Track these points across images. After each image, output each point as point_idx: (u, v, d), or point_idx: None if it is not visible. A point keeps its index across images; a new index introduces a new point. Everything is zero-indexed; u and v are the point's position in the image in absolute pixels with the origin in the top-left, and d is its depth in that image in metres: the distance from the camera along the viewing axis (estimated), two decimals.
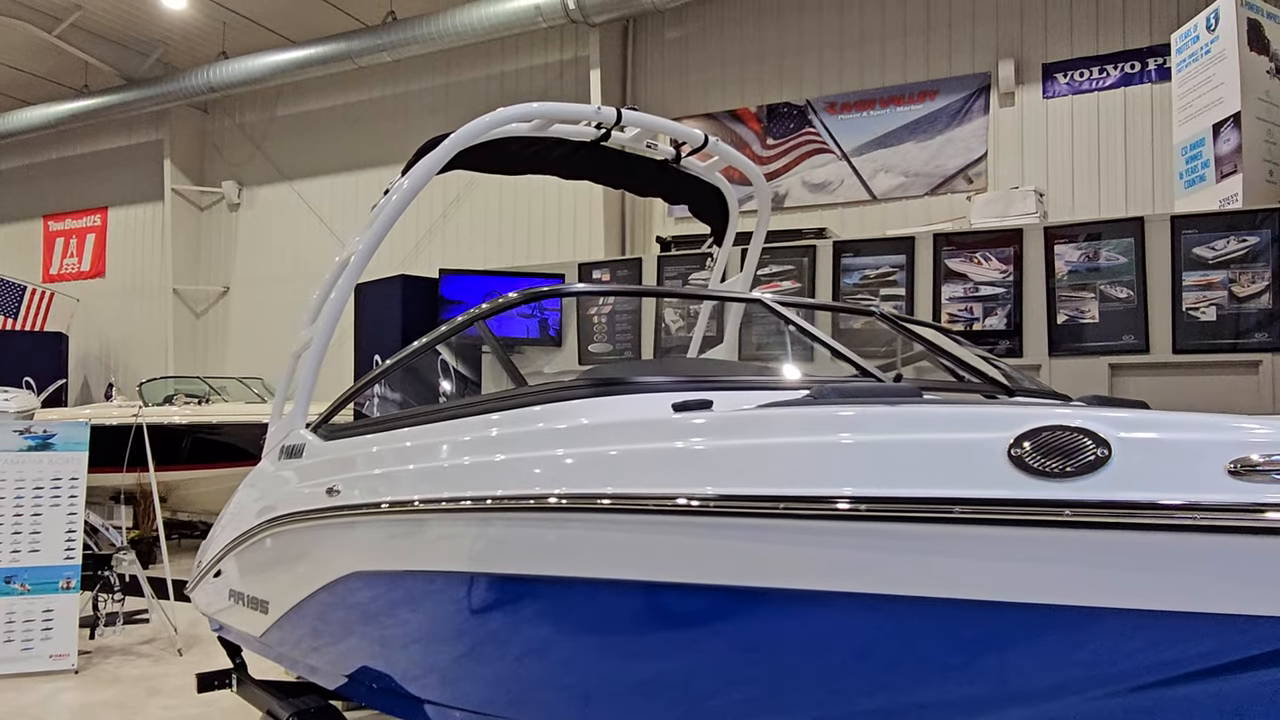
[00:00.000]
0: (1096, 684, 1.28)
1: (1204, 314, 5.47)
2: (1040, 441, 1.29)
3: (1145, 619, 1.21)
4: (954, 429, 1.42)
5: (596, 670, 1.95)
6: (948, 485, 1.32)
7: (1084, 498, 1.22)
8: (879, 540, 1.37)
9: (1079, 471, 1.24)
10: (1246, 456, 1.13)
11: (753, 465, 1.56)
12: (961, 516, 1.29)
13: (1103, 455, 1.24)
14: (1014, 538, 1.27)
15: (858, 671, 1.49)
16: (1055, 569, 1.24)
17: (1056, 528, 1.23)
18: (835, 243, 6.68)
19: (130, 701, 4.98)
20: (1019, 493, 1.27)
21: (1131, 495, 1.19)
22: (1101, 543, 1.21)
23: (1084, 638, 1.26)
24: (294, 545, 2.92)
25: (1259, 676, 1.17)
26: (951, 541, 1.31)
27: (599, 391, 2.00)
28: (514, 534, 1.97)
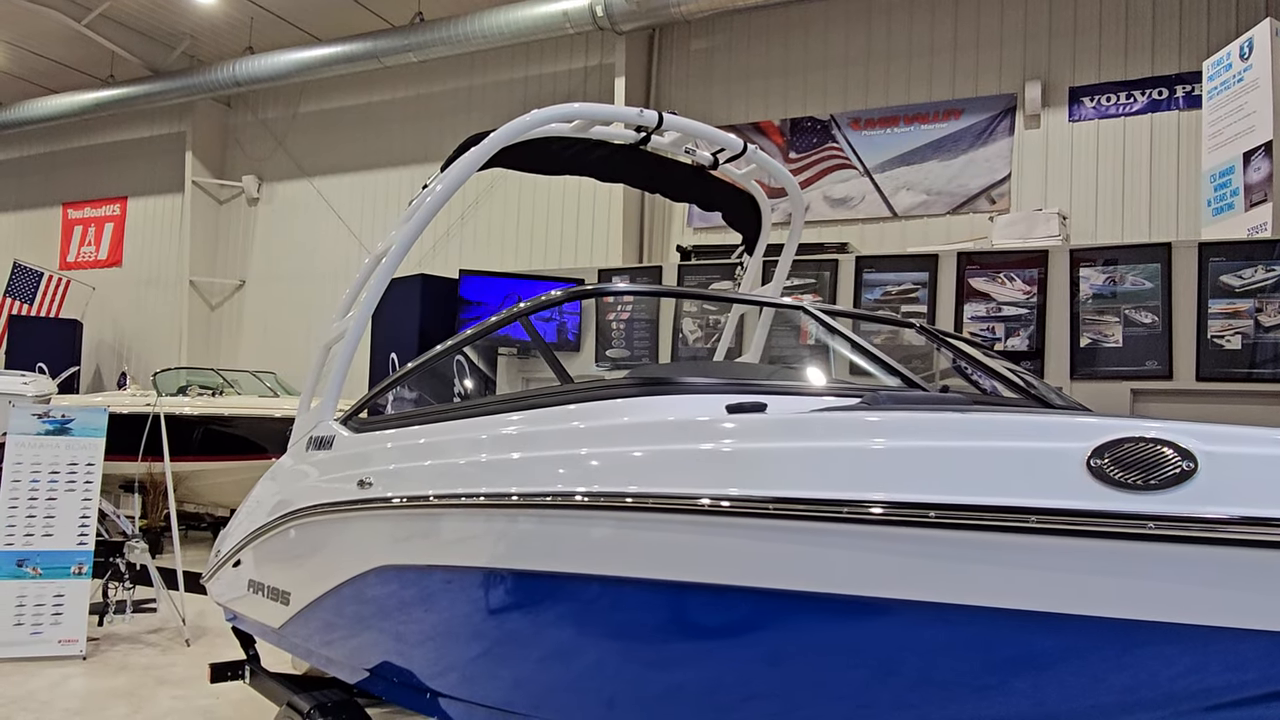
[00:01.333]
0: (1170, 701, 1.26)
1: (1229, 342, 5.44)
2: (1121, 453, 1.27)
3: (1232, 637, 1.19)
4: (1031, 438, 1.39)
5: (627, 671, 1.93)
6: (1025, 495, 1.30)
7: (1171, 511, 1.21)
8: (954, 549, 1.35)
9: (1163, 485, 1.22)
10: None
11: (817, 469, 1.54)
12: (1040, 527, 1.27)
13: (1189, 468, 1.22)
14: (1095, 550, 1.25)
15: (921, 684, 1.46)
16: (1138, 584, 1.22)
17: (1141, 541, 1.21)
18: (858, 258, 6.67)
19: (139, 690, 4.96)
20: (1101, 504, 1.25)
21: (1222, 510, 1.18)
22: (1185, 558, 1.19)
23: (1166, 654, 1.24)
24: (320, 537, 2.91)
25: None
26: (1029, 553, 1.29)
27: (647, 391, 1.99)
28: (554, 531, 1.95)
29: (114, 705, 4.70)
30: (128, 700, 4.79)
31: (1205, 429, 1.28)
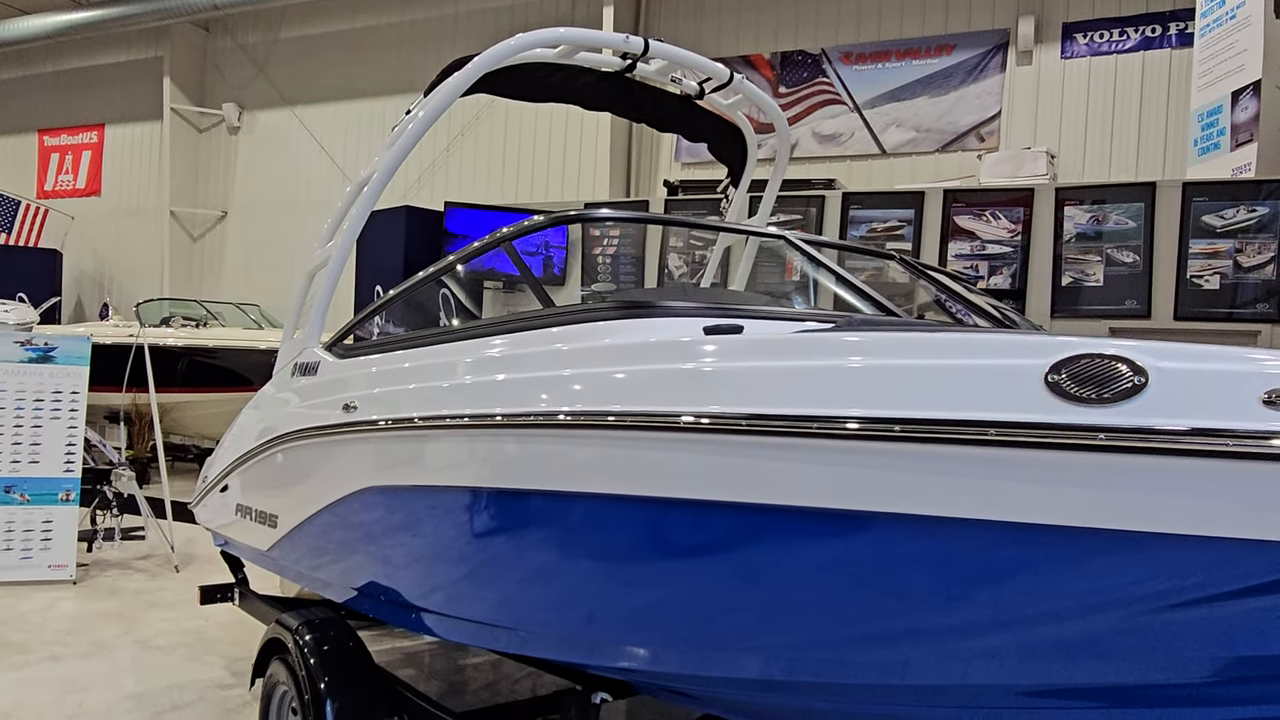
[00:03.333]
0: (1123, 605, 1.33)
1: (1208, 282, 5.50)
2: (1077, 369, 1.32)
3: (1175, 543, 1.25)
4: (992, 355, 1.44)
5: (606, 584, 2.00)
6: (985, 409, 1.35)
7: (1120, 423, 1.26)
8: (917, 461, 1.40)
9: (1116, 398, 1.27)
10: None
11: (788, 387, 1.58)
12: (1000, 440, 1.32)
13: (1140, 383, 1.27)
14: (1049, 461, 1.31)
15: (888, 594, 1.53)
16: (1088, 493, 1.28)
17: (1091, 452, 1.27)
18: (844, 194, 6.65)
19: (129, 612, 5.06)
20: (1055, 417, 1.30)
21: (1167, 422, 1.23)
22: (1135, 468, 1.25)
23: (1113, 560, 1.30)
24: (306, 460, 2.95)
25: (1266, 597, 1.23)
26: (987, 464, 1.35)
27: (629, 313, 2.02)
28: (534, 450, 2.00)
29: (105, 627, 4.79)
30: (118, 622, 4.88)
31: (1157, 346, 1.32)
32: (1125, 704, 1.50)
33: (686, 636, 1.92)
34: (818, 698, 1.87)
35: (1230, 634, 1.29)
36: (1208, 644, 1.31)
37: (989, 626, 1.46)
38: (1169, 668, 1.36)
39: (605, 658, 2.09)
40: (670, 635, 1.95)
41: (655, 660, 2.00)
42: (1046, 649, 1.45)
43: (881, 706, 1.80)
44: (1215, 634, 1.29)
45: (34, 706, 3.67)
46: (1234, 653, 1.31)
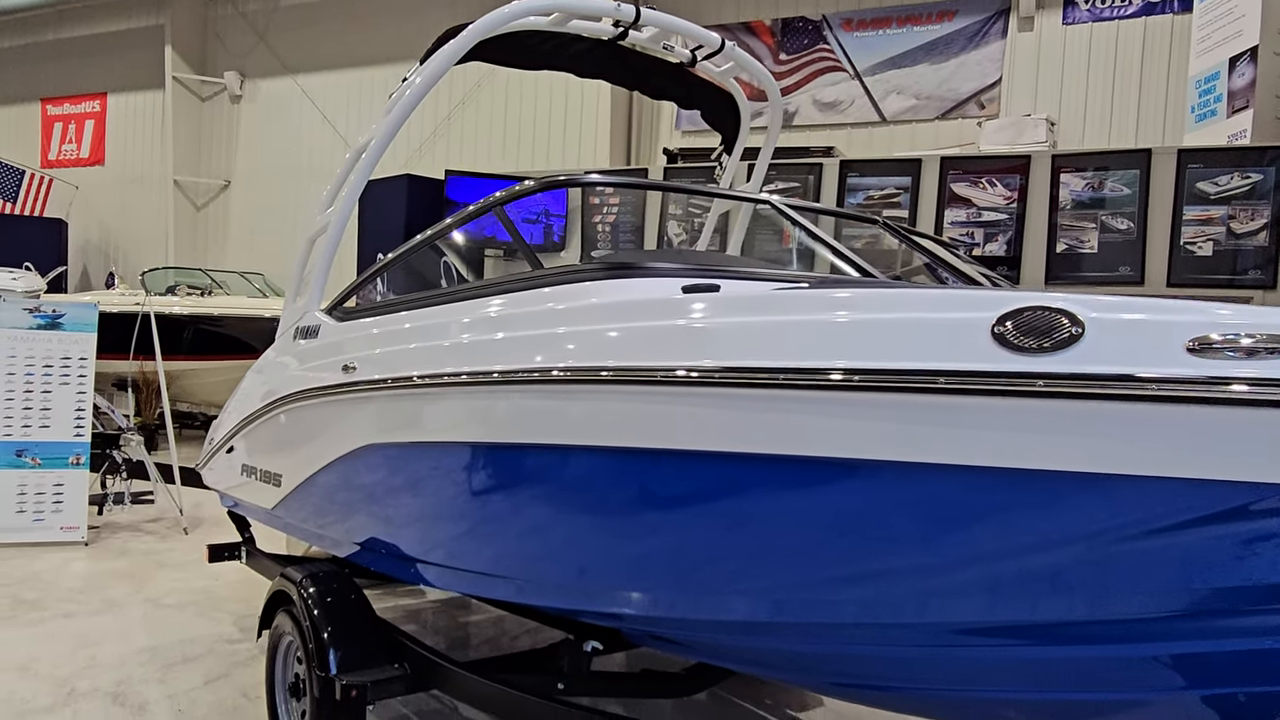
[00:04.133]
0: (1068, 543, 1.42)
1: (1201, 249, 5.54)
2: (1021, 320, 1.41)
3: (1111, 483, 1.33)
4: (944, 309, 1.53)
5: (596, 533, 2.09)
6: (936, 359, 1.44)
7: (1058, 370, 1.34)
8: (872, 410, 1.49)
9: (1055, 347, 1.36)
10: (1206, 336, 1.25)
11: (756, 341, 1.67)
12: (947, 387, 1.41)
13: (1077, 333, 1.36)
14: (993, 407, 1.40)
15: (842, 533, 1.62)
16: (1028, 437, 1.37)
17: (1033, 398, 1.36)
18: (842, 162, 6.68)
19: (140, 572, 5.19)
20: (999, 366, 1.39)
21: (1100, 369, 1.31)
22: (1072, 412, 1.33)
23: (1052, 500, 1.39)
24: (308, 420, 3.05)
25: (1205, 533, 1.31)
26: (938, 411, 1.44)
27: (613, 274, 2.10)
28: (526, 405, 2.09)
29: (116, 585, 4.93)
30: (129, 581, 5.02)
31: (1094, 299, 1.40)
32: (1075, 640, 1.60)
33: (675, 581, 2.01)
34: (798, 639, 1.97)
35: (1164, 569, 1.37)
36: (1144, 579, 1.40)
37: (949, 566, 1.55)
38: (1110, 602, 1.46)
39: (599, 603, 2.19)
40: (660, 580, 2.04)
41: (647, 605, 2.10)
42: (1004, 586, 1.54)
43: (857, 647, 1.90)
44: (1151, 569, 1.38)
45: (50, 659, 3.81)
46: (1169, 587, 1.39)
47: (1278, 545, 1.34)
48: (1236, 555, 1.36)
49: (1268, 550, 1.35)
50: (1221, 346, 1.24)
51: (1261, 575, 1.37)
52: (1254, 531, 1.32)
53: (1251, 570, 1.37)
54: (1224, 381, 1.22)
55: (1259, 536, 1.32)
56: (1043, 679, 1.73)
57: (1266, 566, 1.36)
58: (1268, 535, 1.32)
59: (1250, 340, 1.23)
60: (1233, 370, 1.22)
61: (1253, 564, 1.37)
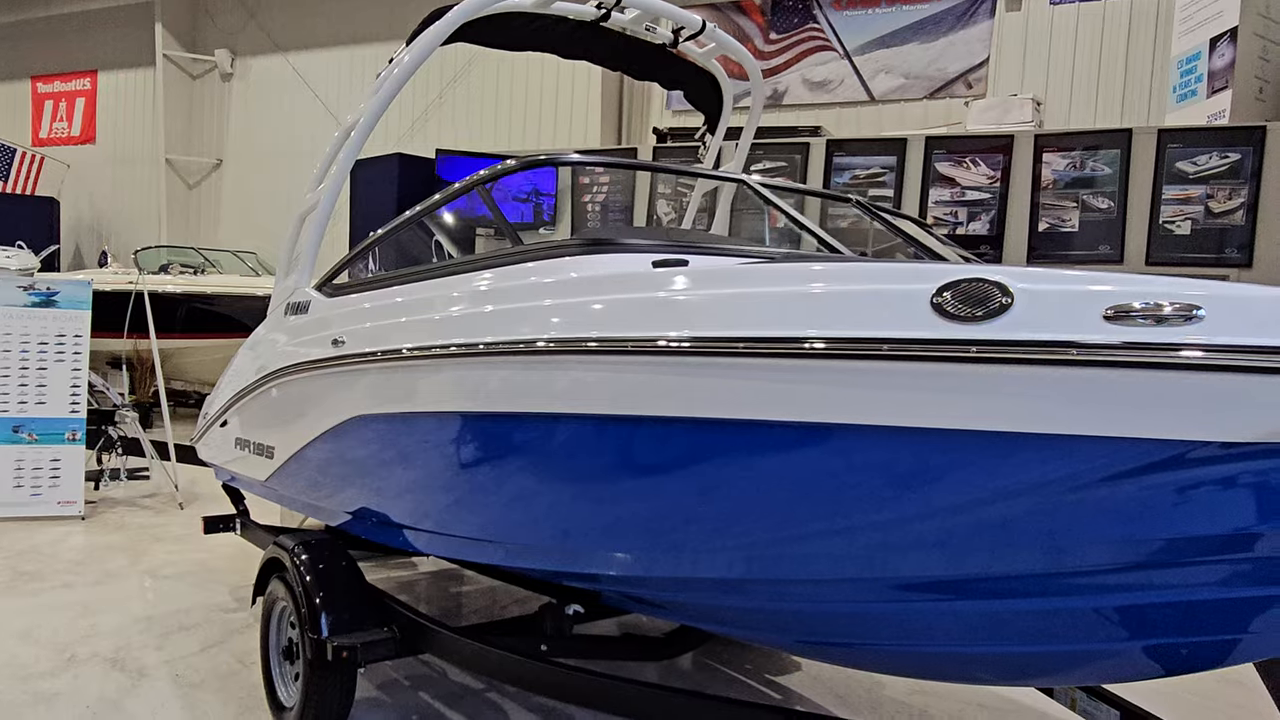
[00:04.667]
0: (999, 499, 1.52)
1: (1179, 227, 5.64)
2: (958, 291, 1.51)
3: (1039, 442, 1.43)
4: (888, 281, 1.63)
5: (576, 496, 2.19)
6: (880, 328, 1.54)
7: (988, 337, 1.45)
8: (823, 376, 1.59)
9: (988, 316, 1.46)
10: (1127, 304, 1.35)
11: (721, 313, 1.77)
12: (890, 354, 1.52)
13: (1007, 303, 1.46)
14: (931, 372, 1.50)
15: (803, 492, 1.72)
16: (964, 399, 1.47)
17: (965, 363, 1.46)
18: (829, 141, 6.76)
19: (136, 545, 5.30)
20: (936, 333, 1.49)
21: (1026, 335, 1.41)
22: (1002, 376, 1.44)
23: (990, 459, 1.49)
24: (299, 393, 3.14)
25: (1131, 489, 1.42)
26: (882, 376, 1.54)
27: (590, 250, 2.20)
28: (507, 376, 2.18)
29: (114, 558, 5.03)
30: (126, 553, 5.12)
31: (1025, 271, 1.50)
32: (1021, 594, 1.70)
33: (653, 541, 2.11)
34: (766, 596, 2.07)
35: (1096, 523, 1.48)
36: (1079, 534, 1.51)
37: (899, 522, 1.65)
38: (1045, 556, 1.56)
39: (582, 564, 2.29)
40: (639, 540, 2.14)
41: (627, 565, 2.19)
42: (950, 542, 1.64)
43: (821, 604, 2.00)
44: (1084, 524, 1.48)
45: (50, 627, 3.91)
46: (1101, 541, 1.50)
47: (1201, 498, 1.44)
48: (1160, 509, 1.46)
49: (1192, 503, 1.45)
50: (1136, 314, 1.34)
51: (1190, 527, 1.47)
52: (1176, 485, 1.42)
53: (1179, 523, 1.47)
54: (1136, 347, 1.32)
55: (1181, 489, 1.42)
56: (990, 633, 1.83)
57: (1193, 518, 1.46)
58: (1190, 487, 1.42)
59: (1163, 309, 1.33)
60: (1145, 336, 1.32)
61: (1179, 516, 1.47)
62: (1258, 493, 1.39)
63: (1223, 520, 1.44)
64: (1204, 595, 1.58)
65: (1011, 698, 3.47)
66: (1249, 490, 1.40)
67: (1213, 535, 1.47)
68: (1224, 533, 1.46)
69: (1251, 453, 1.33)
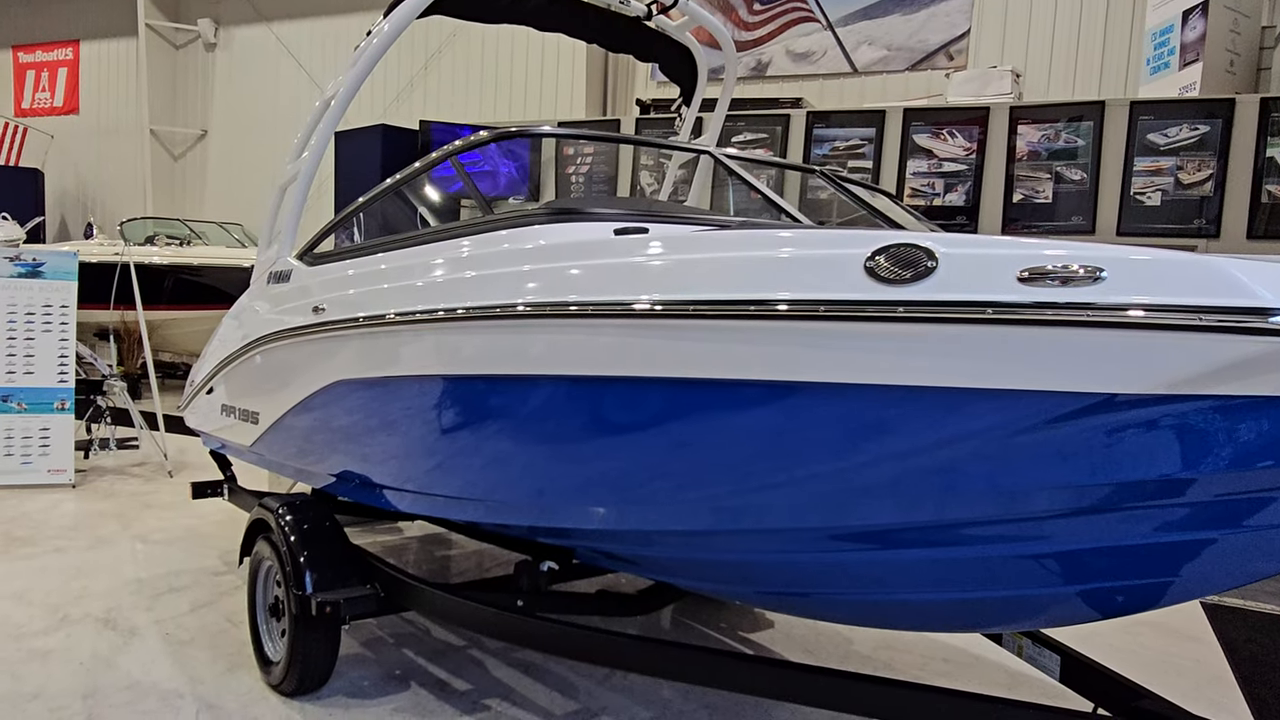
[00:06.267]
0: (926, 450, 1.64)
1: (1149, 199, 5.75)
2: (889, 255, 1.61)
3: (962, 396, 1.55)
4: (825, 246, 1.73)
5: (550, 455, 2.30)
6: (817, 290, 1.64)
7: (914, 298, 1.55)
8: (765, 335, 1.70)
9: (915, 278, 1.56)
10: (1041, 266, 1.46)
11: (676, 278, 1.87)
12: (825, 315, 1.62)
13: (932, 266, 1.56)
14: (864, 332, 1.61)
15: (756, 446, 1.84)
16: (894, 357, 1.58)
17: (895, 323, 1.57)
18: (809, 113, 6.82)
19: (127, 512, 5.40)
20: (866, 295, 1.60)
21: (947, 296, 1.52)
22: (926, 334, 1.54)
23: (920, 413, 1.60)
24: (282, 360, 3.23)
25: (1047, 438, 1.53)
26: (819, 336, 1.65)
27: (556, 218, 2.29)
28: (479, 340, 2.29)
29: (105, 524, 5.13)
30: (117, 520, 5.22)
31: (950, 237, 1.61)
32: (957, 542, 1.83)
33: (624, 496, 2.22)
34: (728, 548, 2.19)
35: (1019, 472, 1.59)
36: (1004, 481, 1.62)
37: (842, 473, 1.77)
38: (977, 504, 1.68)
39: (557, 519, 2.40)
40: (611, 496, 2.25)
41: (600, 519, 2.30)
42: (896, 490, 1.76)
43: (777, 554, 2.12)
44: (1008, 473, 1.60)
45: (43, 589, 4.02)
46: (1026, 488, 1.62)
47: (1119, 447, 1.55)
48: (1081, 458, 1.57)
49: (1108, 452, 1.56)
50: (1047, 275, 1.45)
51: (1111, 474, 1.59)
52: (1091, 435, 1.53)
53: (1101, 470, 1.58)
54: (1045, 306, 1.43)
55: (1096, 439, 1.54)
56: (936, 580, 1.96)
57: (1113, 466, 1.57)
58: (1106, 436, 1.54)
59: (1072, 270, 1.44)
60: (1053, 296, 1.43)
61: (1099, 465, 1.58)
62: (1167, 440, 1.51)
63: (1139, 467, 1.56)
64: (1134, 540, 1.70)
65: (971, 651, 3.62)
66: (1161, 437, 1.52)
67: (1133, 482, 1.59)
68: (1144, 479, 1.57)
69: (1157, 401, 1.44)
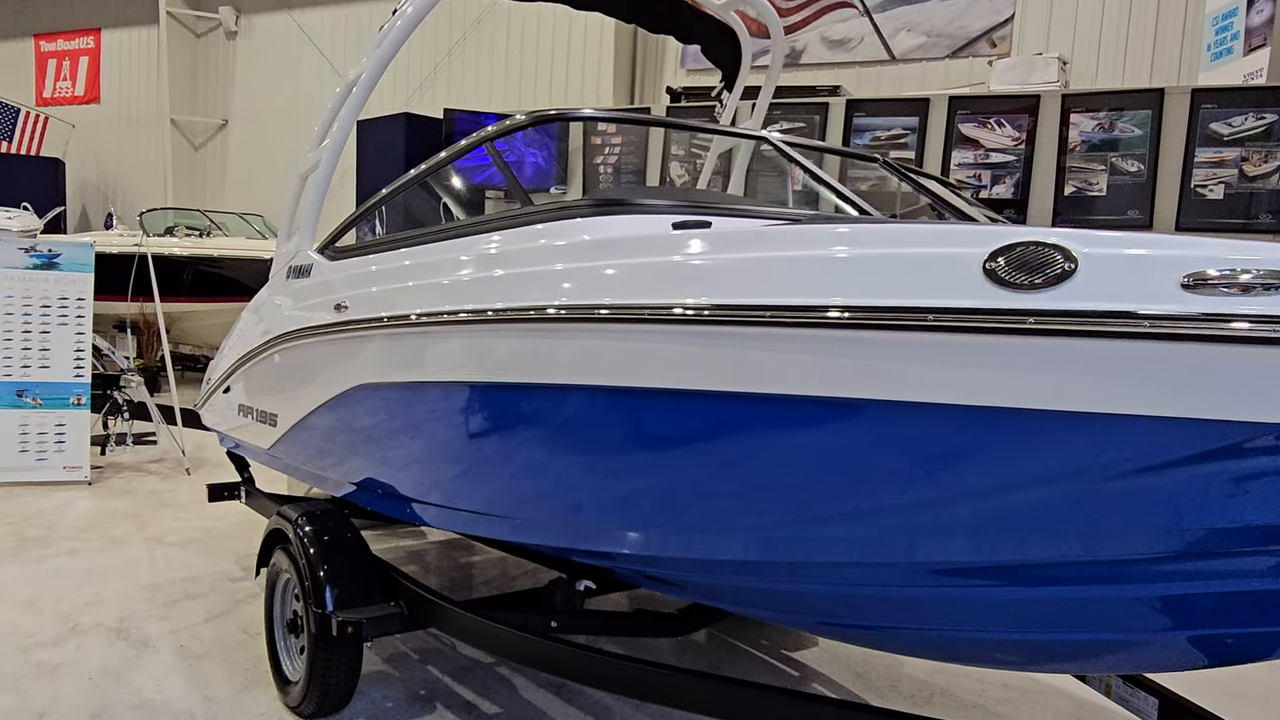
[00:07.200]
0: (1050, 481, 1.40)
1: (1212, 192, 5.44)
2: (1014, 256, 1.36)
3: (1103, 423, 1.30)
4: (935, 244, 1.48)
5: (588, 471, 2.08)
6: (926, 296, 1.40)
7: (1050, 307, 1.30)
8: (862, 348, 1.45)
9: (1047, 283, 1.32)
10: (1202, 271, 1.21)
11: (748, 278, 1.63)
12: (936, 324, 1.38)
13: (1070, 269, 1.31)
14: (983, 345, 1.36)
15: (832, 472, 1.60)
16: (1019, 375, 1.34)
17: (1024, 335, 1.32)
18: (849, 101, 6.55)
19: (143, 512, 5.24)
20: (989, 303, 1.35)
21: (1093, 305, 1.28)
22: (1064, 350, 1.30)
23: (1042, 439, 1.36)
24: (302, 360, 3.03)
25: (1196, 473, 1.29)
26: (927, 349, 1.40)
27: (603, 210, 2.06)
28: (515, 344, 2.06)
29: (120, 524, 4.97)
30: (133, 520, 5.06)
31: (1089, 234, 1.36)
32: (1064, 581, 1.59)
33: (668, 520, 2.01)
34: (788, 578, 1.97)
35: (1154, 510, 1.35)
36: (1134, 519, 1.38)
37: (937, 505, 1.53)
38: (1099, 543, 1.44)
39: (593, 542, 2.18)
40: (653, 519, 2.03)
41: (640, 544, 2.09)
42: (992, 526, 1.52)
43: (847, 587, 1.89)
44: (1141, 510, 1.36)
45: (53, 595, 3.85)
46: (1158, 528, 1.38)
47: (1268, 485, 1.32)
48: (1227, 495, 1.34)
49: (1258, 490, 1.33)
50: (1217, 283, 1.21)
51: (1251, 516, 1.36)
52: (1245, 471, 1.30)
53: (1241, 510, 1.36)
54: (1220, 319, 1.19)
55: (1250, 476, 1.30)
56: (1030, 619, 1.72)
57: (1257, 506, 1.34)
58: (1259, 474, 1.30)
59: (1247, 276, 1.19)
60: (1229, 307, 1.19)
61: (1243, 504, 1.35)
62: None
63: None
64: (1259, 585, 1.47)
65: (1038, 678, 3.37)
66: None
67: (1275, 525, 1.35)
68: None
69: None
